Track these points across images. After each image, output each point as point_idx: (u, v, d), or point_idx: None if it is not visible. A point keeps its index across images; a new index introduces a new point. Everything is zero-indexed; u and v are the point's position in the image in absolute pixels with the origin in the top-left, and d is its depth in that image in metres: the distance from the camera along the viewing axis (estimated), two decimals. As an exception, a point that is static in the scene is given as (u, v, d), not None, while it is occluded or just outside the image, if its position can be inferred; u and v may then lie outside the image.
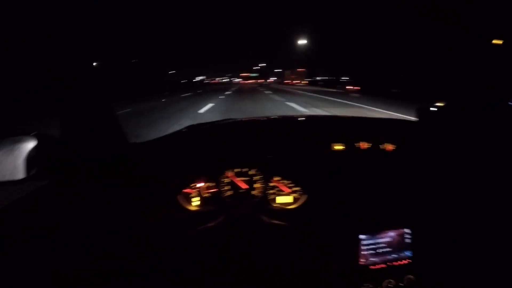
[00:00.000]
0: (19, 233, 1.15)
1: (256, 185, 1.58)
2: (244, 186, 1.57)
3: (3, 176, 1.19)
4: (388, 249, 1.46)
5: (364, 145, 1.67)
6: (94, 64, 1.26)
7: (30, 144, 1.21)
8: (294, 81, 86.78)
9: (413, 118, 2.08)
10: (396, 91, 30.96)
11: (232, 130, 1.90)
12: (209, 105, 19.05)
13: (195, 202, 1.54)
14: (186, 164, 1.52)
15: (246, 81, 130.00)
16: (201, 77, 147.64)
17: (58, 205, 1.23)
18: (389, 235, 1.47)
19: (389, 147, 1.69)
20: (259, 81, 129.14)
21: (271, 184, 1.59)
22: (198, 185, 1.54)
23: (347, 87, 42.42)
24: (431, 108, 2.07)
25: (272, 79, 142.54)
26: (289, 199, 1.59)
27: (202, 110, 16.59)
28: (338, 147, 1.65)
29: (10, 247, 1.13)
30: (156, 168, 1.49)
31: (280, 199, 1.59)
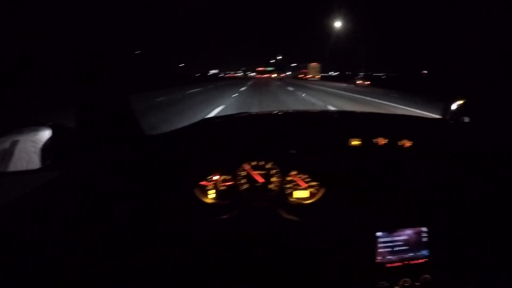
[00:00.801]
0: (20, 230, 1.14)
1: (273, 179, 1.54)
2: (260, 179, 1.54)
3: (19, 166, 1.18)
4: (405, 248, 1.40)
5: (382, 141, 1.60)
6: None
7: (46, 134, 1.20)
8: (307, 76, 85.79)
9: (430, 115, 2.03)
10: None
11: (248, 123, 1.84)
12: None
13: (211, 194, 1.51)
14: (203, 157, 1.47)
15: (261, 75, 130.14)
16: (214, 71, 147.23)
17: (68, 199, 1.22)
18: (406, 233, 1.40)
19: (407, 144, 1.60)
20: (273, 75, 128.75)
21: (288, 178, 1.55)
22: (214, 177, 1.52)
23: (357, 82, 42.67)
24: (452, 105, 2.01)
25: (287, 73, 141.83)
26: (305, 193, 1.54)
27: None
28: (356, 142, 1.58)
29: (10, 245, 1.12)
30: (172, 161, 1.45)
31: (297, 194, 1.54)
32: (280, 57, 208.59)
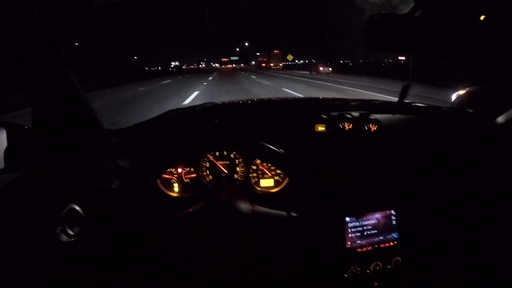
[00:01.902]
0: None
1: (238, 169, 1.52)
2: (225, 170, 1.51)
3: None
4: (374, 231, 1.39)
5: (348, 126, 1.58)
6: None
7: (2, 135, 1.13)
8: (269, 64, 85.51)
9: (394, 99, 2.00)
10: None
11: (212, 114, 1.78)
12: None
13: (176, 187, 1.49)
14: (166, 149, 1.41)
15: (225, 66, 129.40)
16: (175, 63, 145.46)
17: (30, 201, 1.16)
18: (375, 217, 1.39)
19: (373, 127, 1.58)
20: (234, 65, 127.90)
21: (253, 167, 1.53)
22: (179, 170, 1.48)
23: (319, 69, 42.37)
24: (459, 92, 2.02)
25: (252, 63, 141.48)
26: (271, 182, 1.53)
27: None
28: (321, 128, 1.55)
29: None
30: (134, 154, 1.40)
31: (263, 183, 1.53)
32: (247, 44, 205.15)
